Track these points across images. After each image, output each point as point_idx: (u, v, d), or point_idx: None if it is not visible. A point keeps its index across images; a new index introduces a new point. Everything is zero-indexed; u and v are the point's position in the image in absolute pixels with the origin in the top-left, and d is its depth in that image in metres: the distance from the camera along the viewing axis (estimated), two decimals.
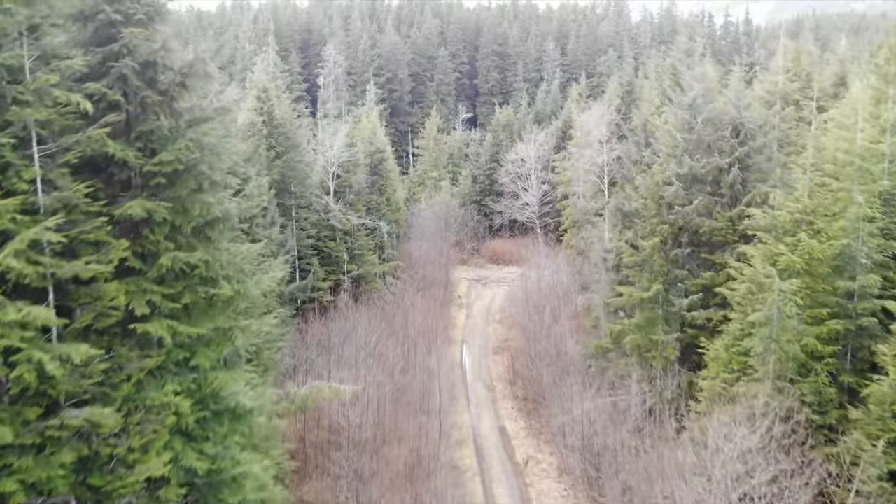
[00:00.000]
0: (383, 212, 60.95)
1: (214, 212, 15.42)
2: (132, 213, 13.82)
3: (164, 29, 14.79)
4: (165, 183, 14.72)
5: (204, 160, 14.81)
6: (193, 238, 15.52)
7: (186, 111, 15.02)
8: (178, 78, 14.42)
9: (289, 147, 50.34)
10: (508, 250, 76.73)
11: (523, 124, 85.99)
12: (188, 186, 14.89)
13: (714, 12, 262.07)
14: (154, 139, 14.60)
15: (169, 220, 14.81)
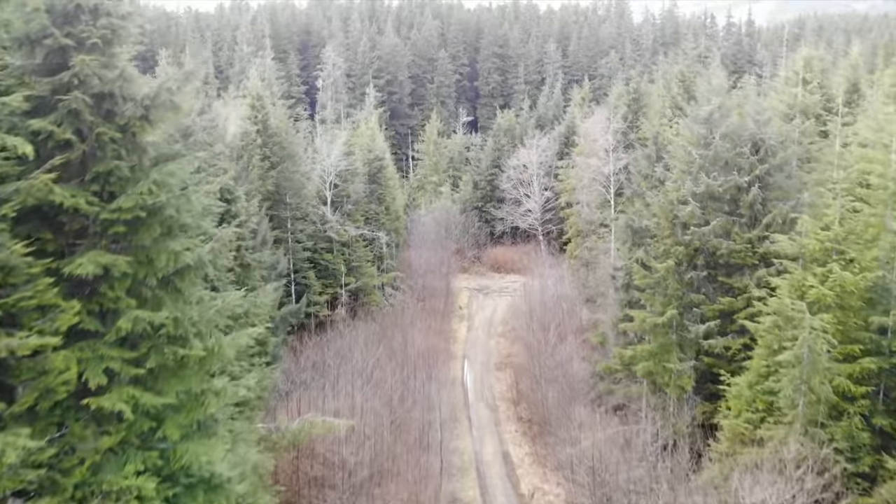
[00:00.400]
0: (382, 221, 58.91)
1: (184, 260, 13.37)
2: (83, 272, 11.78)
3: (124, 53, 12.72)
4: (126, 231, 12.67)
5: (171, 203, 12.75)
6: (161, 290, 13.48)
7: (151, 147, 12.98)
8: (140, 111, 12.37)
9: (284, 157, 48.31)
10: (510, 258, 74.69)
11: (525, 129, 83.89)
12: (153, 234, 12.85)
13: (715, 13, 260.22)
14: (113, 181, 12.55)
15: (131, 272, 12.77)
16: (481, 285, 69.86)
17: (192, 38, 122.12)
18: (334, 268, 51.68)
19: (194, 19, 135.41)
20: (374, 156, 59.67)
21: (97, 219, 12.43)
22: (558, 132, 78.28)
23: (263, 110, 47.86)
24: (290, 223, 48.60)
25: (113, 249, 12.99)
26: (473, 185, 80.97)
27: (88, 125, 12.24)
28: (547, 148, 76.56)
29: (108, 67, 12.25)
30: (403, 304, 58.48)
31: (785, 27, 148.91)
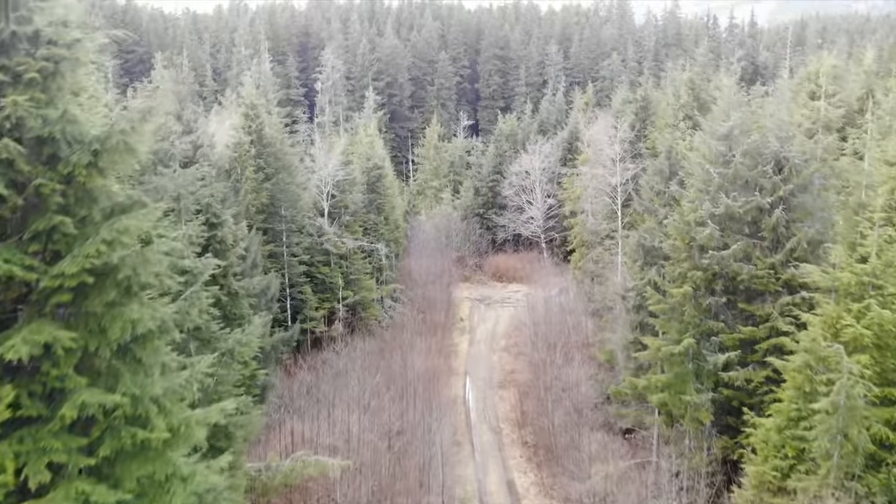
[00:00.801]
0: (381, 232, 56.87)
1: (145, 325, 11.34)
2: (14, 356, 9.75)
3: (70, 85, 10.67)
4: (72, 298, 10.64)
5: (126, 263, 10.71)
6: (117, 361, 11.45)
7: (104, 196, 10.94)
8: (88, 156, 10.33)
9: (279, 168, 46.25)
10: (512, 266, 72.65)
11: (527, 134, 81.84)
12: (105, 299, 10.81)
13: (716, 13, 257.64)
14: (57, 239, 10.51)
15: (79, 346, 10.75)
16: (483, 295, 67.81)
17: (189, 40, 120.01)
18: (331, 282, 49.66)
19: (192, 21, 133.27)
20: (373, 164, 57.64)
21: (37, 286, 10.39)
22: (561, 138, 76.24)
23: (258, 119, 45.79)
24: (286, 236, 46.58)
25: (59, 316, 10.97)
26: (475, 192, 78.93)
27: (26, 175, 10.20)
28: (550, 154, 74.53)
29: (50, 106, 10.20)
30: (403, 319, 56.47)
31: (789, 28, 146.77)
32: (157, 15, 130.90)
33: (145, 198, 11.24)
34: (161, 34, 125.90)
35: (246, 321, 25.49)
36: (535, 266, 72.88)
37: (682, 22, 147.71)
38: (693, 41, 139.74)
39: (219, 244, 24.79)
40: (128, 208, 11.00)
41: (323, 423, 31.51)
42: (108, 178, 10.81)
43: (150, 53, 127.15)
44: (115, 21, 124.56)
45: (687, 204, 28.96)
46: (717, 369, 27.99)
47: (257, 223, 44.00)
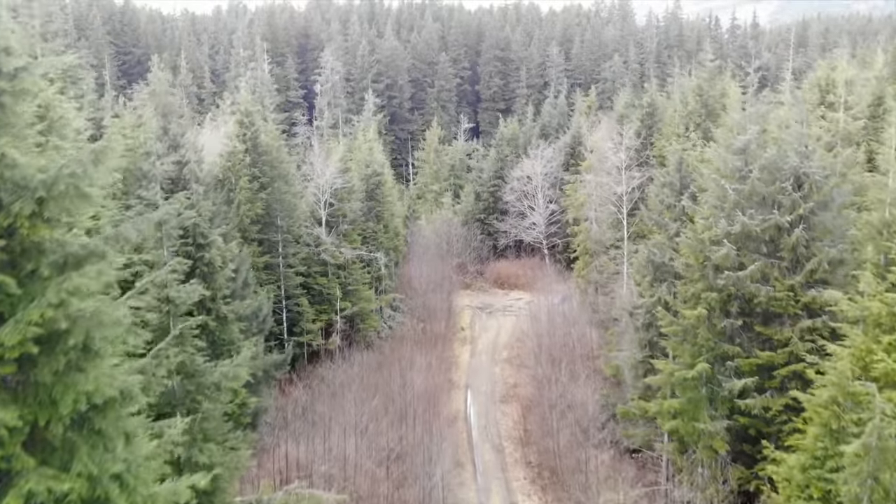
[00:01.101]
0: (380, 240, 55.31)
1: (102, 394, 9.82)
2: None
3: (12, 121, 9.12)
4: (17, 369, 9.13)
5: (78, 327, 9.20)
6: (73, 434, 9.93)
7: (55, 249, 9.42)
8: (31, 206, 8.82)
9: (275, 177, 44.74)
10: (514, 273, 71.12)
11: (529, 138, 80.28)
12: (54, 368, 9.31)
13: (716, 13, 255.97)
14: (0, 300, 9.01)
15: (26, 422, 9.24)
16: (484, 303, 66.27)
17: (187, 42, 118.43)
18: (329, 293, 48.15)
19: (190, 22, 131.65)
20: (372, 170, 56.08)
21: None
22: (563, 142, 74.69)
23: (253, 127, 44.25)
24: (282, 247, 45.06)
25: (7, 385, 9.45)
26: (475, 197, 77.36)
27: None
28: (552, 159, 73.02)
29: None
30: (402, 329, 54.99)
31: (791, 30, 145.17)
32: (156, 16, 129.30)
33: (104, 246, 9.71)
34: (159, 36, 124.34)
35: (236, 347, 23.97)
36: (538, 273, 71.37)
37: (684, 23, 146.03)
38: (695, 42, 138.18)
39: (206, 266, 23.26)
40: (82, 261, 9.47)
41: (318, 447, 30.00)
42: (58, 228, 9.27)
43: (148, 55, 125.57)
44: (114, 22, 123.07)
45: (701, 221, 27.40)
46: (733, 396, 26.47)
47: (252, 234, 42.54)
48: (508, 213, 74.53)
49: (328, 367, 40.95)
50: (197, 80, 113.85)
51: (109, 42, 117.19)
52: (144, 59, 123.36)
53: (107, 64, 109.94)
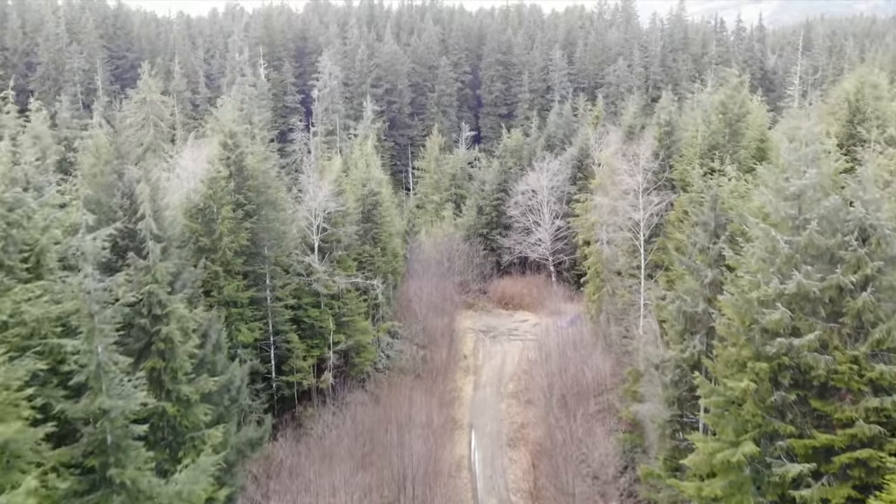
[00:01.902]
0: (377, 265, 51.11)
1: None
2: None
3: None
4: None
5: None
6: None
7: None
8: None
9: (262, 203, 40.50)
10: (519, 292, 66.92)
11: (534, 149, 76.01)
12: None
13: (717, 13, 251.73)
14: None
15: None
16: (488, 325, 62.05)
17: (181, 46, 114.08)
18: (321, 326, 43.96)
19: (185, 25, 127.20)
20: (369, 190, 51.86)
21: None
22: (570, 155, 70.44)
23: (237, 150, 40.02)
24: (269, 278, 40.88)
25: None
26: (478, 210, 73.12)
27: None
28: (558, 172, 68.76)
29: None
30: (401, 360, 50.86)
31: (800, 33, 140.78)
32: (150, 19, 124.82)
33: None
34: (153, 39, 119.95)
35: (200, 438, 19.82)
36: (544, 292, 67.23)
37: (689, 26, 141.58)
38: (701, 45, 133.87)
39: (164, 343, 19.08)
40: None
41: None
42: None
43: (142, 59, 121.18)
44: (107, 26, 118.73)
45: (747, 277, 23.17)
46: (785, 482, 22.31)
47: (236, 267, 38.35)
48: (512, 228, 70.35)
49: (319, 416, 36.72)
50: (191, 85, 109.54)
51: (102, 46, 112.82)
52: (138, 63, 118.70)
53: (98, 69, 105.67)
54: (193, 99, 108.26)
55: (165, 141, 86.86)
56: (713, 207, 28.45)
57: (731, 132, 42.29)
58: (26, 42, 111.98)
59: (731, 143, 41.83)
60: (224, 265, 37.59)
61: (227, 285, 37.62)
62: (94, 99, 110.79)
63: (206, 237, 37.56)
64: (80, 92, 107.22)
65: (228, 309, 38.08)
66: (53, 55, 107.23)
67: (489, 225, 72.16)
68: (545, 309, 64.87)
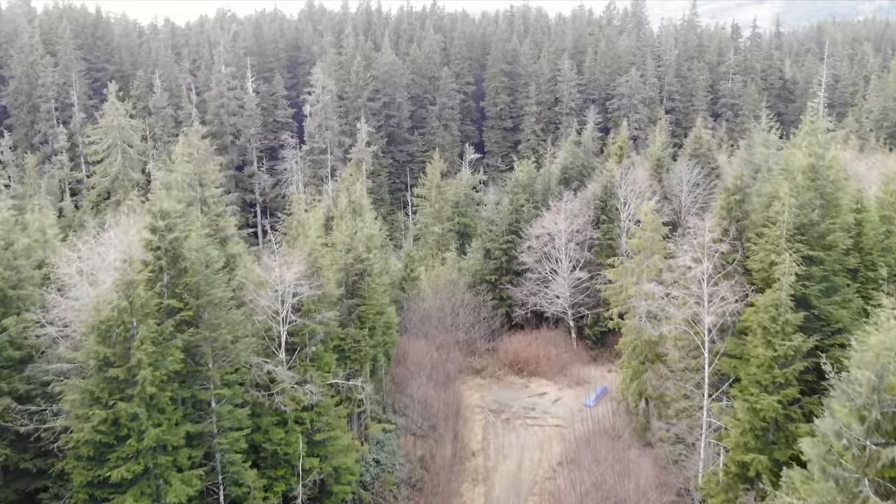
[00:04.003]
0: (364, 351, 39.45)
1: None
2: None
3: None
4: None
5: None
6: None
7: None
8: None
9: (205, 305, 28.94)
10: (534, 355, 55.17)
11: (548, 183, 64.23)
12: None
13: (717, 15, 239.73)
14: None
15: None
16: (500, 401, 50.39)
17: (164, 57, 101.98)
18: (287, 452, 32.46)
19: (170, 34, 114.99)
20: (355, 257, 40.16)
21: None
22: (592, 193, 58.64)
23: (171, 234, 28.40)
24: (214, 402, 29.37)
25: None
26: (485, 254, 61.35)
27: None
28: (578, 213, 57.00)
29: None
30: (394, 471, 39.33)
31: (822, 42, 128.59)
32: (131, 29, 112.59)
33: None
34: (134, 50, 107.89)
35: None
36: (563, 353, 55.59)
37: (704, 33, 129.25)
38: (716, 53, 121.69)
39: None
40: None
41: None
42: None
43: (123, 71, 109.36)
44: (86, 35, 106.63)
45: None
46: None
47: (162, 401, 26.80)
48: (524, 274, 58.71)
49: None
50: (174, 100, 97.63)
51: (80, 58, 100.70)
52: (119, 76, 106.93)
53: (74, 83, 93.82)
54: (177, 115, 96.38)
55: (135, 170, 75.50)
56: (877, 387, 16.80)
57: (825, 202, 30.60)
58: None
59: (826, 221, 30.19)
60: (143, 400, 26.09)
61: (150, 429, 26.13)
62: (70, 115, 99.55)
63: (119, 364, 26.06)
64: (56, 108, 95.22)
65: (155, 457, 26.69)
66: (27, 68, 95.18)
67: (498, 271, 60.41)
68: (566, 377, 53.36)
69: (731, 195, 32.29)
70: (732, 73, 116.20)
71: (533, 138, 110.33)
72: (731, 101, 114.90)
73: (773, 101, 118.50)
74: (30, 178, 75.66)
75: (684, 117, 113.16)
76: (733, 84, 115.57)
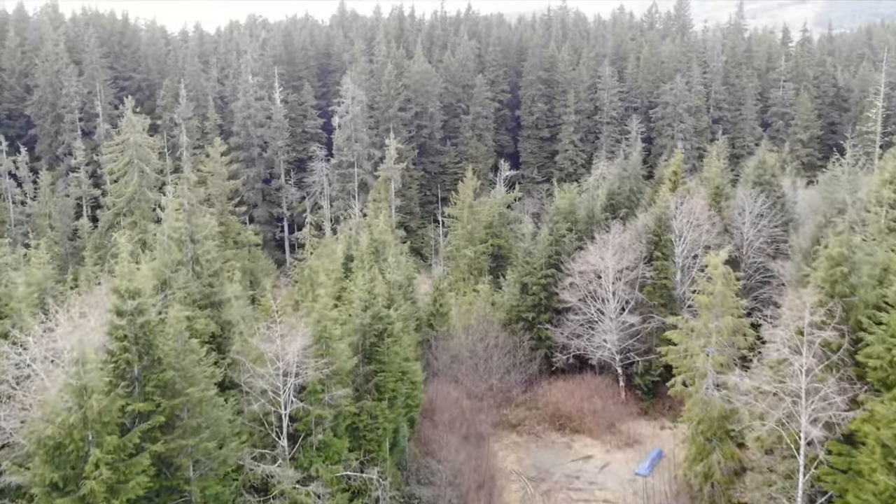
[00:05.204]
0: (381, 426, 33.10)
1: None
2: None
3: None
4: None
5: None
6: None
7: None
8: None
9: (186, 404, 22.86)
10: (577, 407, 48.27)
11: (592, 210, 57.22)
12: None
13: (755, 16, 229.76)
14: None
15: None
16: (539, 466, 43.67)
17: (191, 66, 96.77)
18: None
19: (198, 42, 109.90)
20: (374, 314, 33.77)
21: None
22: (643, 224, 51.53)
23: (142, 317, 22.34)
24: None
25: None
26: (521, 288, 54.60)
27: None
28: (629, 248, 49.96)
29: None
30: None
31: (875, 46, 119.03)
32: (158, 37, 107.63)
33: None
34: (161, 58, 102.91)
35: None
36: (610, 406, 48.61)
37: (752, 37, 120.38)
38: (765, 59, 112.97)
39: None
40: None
41: None
42: None
43: (150, 80, 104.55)
44: (112, 43, 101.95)
45: None
46: None
47: None
48: (566, 314, 51.88)
49: None
50: (200, 110, 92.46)
51: (106, 67, 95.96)
52: (146, 84, 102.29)
53: (99, 92, 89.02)
54: (203, 126, 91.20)
55: (151, 189, 70.16)
56: None
57: None
58: (24, 62, 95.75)
59: None
60: None
61: None
62: (95, 126, 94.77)
63: (69, 491, 20.07)
64: (80, 118, 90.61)
65: None
66: (51, 77, 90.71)
67: (536, 308, 53.60)
68: (614, 434, 46.50)
69: (835, 265, 25.18)
70: (783, 81, 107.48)
71: (571, 149, 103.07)
72: (782, 110, 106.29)
73: (826, 109, 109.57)
74: (44, 196, 70.93)
75: (732, 127, 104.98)
76: (784, 92, 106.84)
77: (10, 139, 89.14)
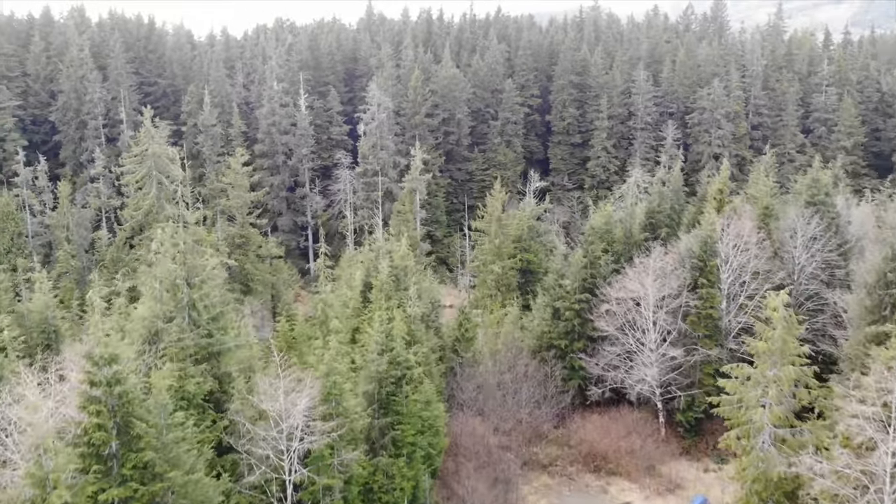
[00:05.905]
0: (398, 486, 29.48)
1: None
2: None
3: None
4: None
5: None
6: None
7: None
8: None
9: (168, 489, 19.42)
10: (614, 446, 44.21)
11: (629, 230, 53.01)
12: None
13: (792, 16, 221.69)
14: None
15: None
16: None
17: (216, 73, 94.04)
18: None
19: (224, 47, 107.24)
20: (391, 359, 30.12)
21: None
22: (687, 248, 47.21)
23: (119, 386, 18.94)
24: None
25: None
26: (553, 313, 50.59)
27: None
28: (671, 274, 45.72)
29: None
30: None
31: None
32: (183, 42, 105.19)
33: None
34: (187, 64, 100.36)
35: None
36: (649, 445, 44.41)
37: (792, 40, 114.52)
38: (806, 63, 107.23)
39: None
40: None
41: None
42: None
43: (175, 86, 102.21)
44: (138, 49, 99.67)
45: None
46: None
47: None
48: (602, 343, 47.84)
49: None
50: (224, 116, 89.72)
51: (131, 72, 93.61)
52: (171, 90, 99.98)
53: (124, 99, 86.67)
54: (227, 133, 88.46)
55: (170, 202, 67.38)
56: None
57: None
58: (49, 68, 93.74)
59: None
60: None
61: None
62: (119, 132, 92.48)
63: None
64: (104, 124, 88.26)
65: None
66: (75, 83, 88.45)
67: (569, 335, 49.58)
68: (653, 477, 42.40)
69: None
70: (826, 85, 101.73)
71: (604, 155, 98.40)
72: (825, 116, 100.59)
73: (870, 115, 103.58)
74: (63, 207, 68.52)
75: (772, 133, 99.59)
76: (826, 97, 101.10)
77: (35, 145, 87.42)
